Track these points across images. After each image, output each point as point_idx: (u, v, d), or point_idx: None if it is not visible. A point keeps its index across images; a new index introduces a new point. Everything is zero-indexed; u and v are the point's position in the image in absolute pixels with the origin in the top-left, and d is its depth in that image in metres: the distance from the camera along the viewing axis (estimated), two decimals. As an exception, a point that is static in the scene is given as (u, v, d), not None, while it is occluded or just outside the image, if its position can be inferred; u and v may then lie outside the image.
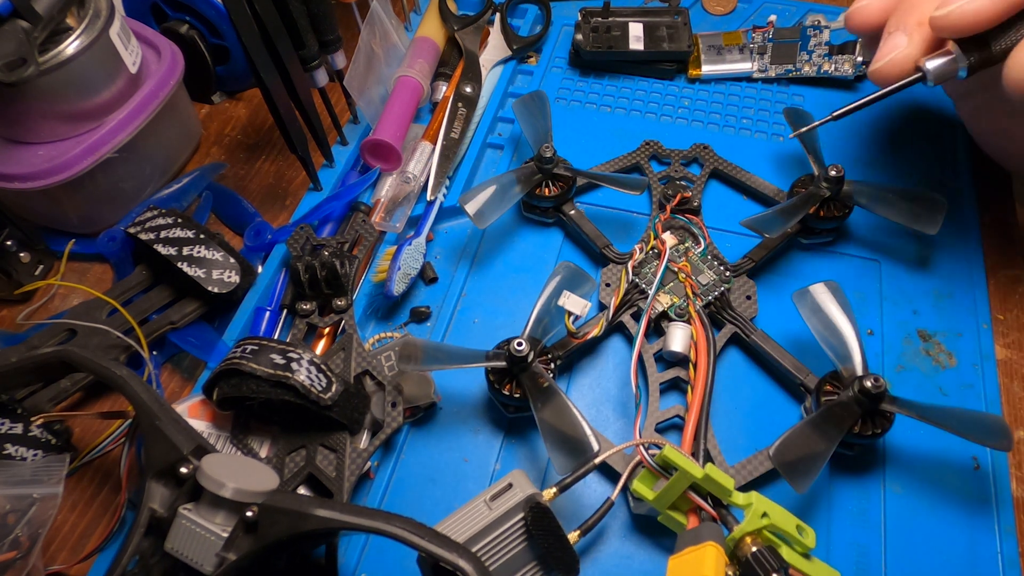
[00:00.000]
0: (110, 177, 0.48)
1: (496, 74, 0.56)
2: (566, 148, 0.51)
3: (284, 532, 0.30)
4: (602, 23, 0.57)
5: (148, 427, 0.33)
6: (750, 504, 0.33)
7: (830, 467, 0.39)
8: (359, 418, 0.39)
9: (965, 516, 0.38)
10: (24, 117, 0.45)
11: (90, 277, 0.49)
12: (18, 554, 0.34)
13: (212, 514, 0.31)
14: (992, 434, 0.35)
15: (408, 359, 0.37)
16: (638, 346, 0.40)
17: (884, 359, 0.43)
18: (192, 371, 0.45)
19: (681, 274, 0.43)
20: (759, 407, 0.42)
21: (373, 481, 0.40)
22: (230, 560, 0.29)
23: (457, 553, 0.28)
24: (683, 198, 0.47)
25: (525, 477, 0.35)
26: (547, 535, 0.33)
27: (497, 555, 0.33)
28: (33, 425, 0.39)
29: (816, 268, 0.47)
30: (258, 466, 0.34)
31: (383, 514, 0.30)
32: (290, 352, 0.38)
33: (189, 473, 0.32)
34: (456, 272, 0.47)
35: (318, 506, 0.30)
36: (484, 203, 0.44)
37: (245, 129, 0.57)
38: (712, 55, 0.57)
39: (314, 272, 0.43)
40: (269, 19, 0.42)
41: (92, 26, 0.44)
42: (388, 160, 0.49)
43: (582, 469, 0.35)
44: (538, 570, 0.33)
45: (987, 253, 0.47)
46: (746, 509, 0.33)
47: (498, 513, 0.33)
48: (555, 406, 0.37)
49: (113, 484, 0.41)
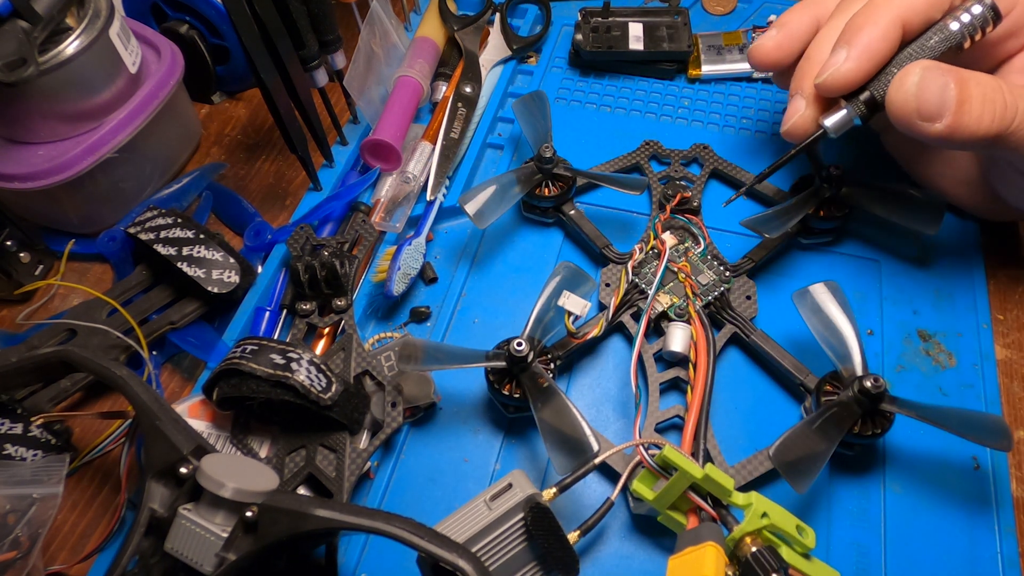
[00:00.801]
0: (110, 177, 0.48)
1: (496, 74, 0.56)
2: (566, 148, 0.51)
3: (284, 532, 0.30)
4: (602, 23, 0.57)
5: (148, 427, 0.33)
6: (750, 504, 0.33)
7: (830, 467, 0.39)
8: (359, 418, 0.39)
9: (965, 516, 0.38)
10: (24, 117, 0.45)
11: (90, 277, 0.49)
12: (18, 554, 0.34)
13: (212, 514, 0.31)
14: (992, 434, 0.35)
15: (408, 359, 0.37)
16: (638, 346, 0.40)
17: (884, 359, 0.43)
18: (192, 371, 0.45)
19: (681, 274, 0.43)
20: (759, 407, 0.42)
21: (373, 481, 0.40)
22: (230, 560, 0.29)
23: (457, 553, 0.28)
24: (683, 198, 0.47)
25: (525, 477, 0.35)
26: (547, 535, 0.33)
27: (497, 555, 0.33)
28: (33, 425, 0.39)
29: (816, 268, 0.47)
30: (258, 466, 0.34)
31: (383, 514, 0.30)
32: (290, 352, 0.38)
33: (189, 473, 0.32)
34: (456, 272, 0.47)
35: (318, 506, 0.30)
36: (484, 203, 0.44)
37: (245, 129, 0.57)
38: (712, 55, 0.57)
39: (314, 272, 0.43)
40: (269, 19, 0.42)
41: (92, 26, 0.44)
42: (388, 160, 0.49)
43: (582, 469, 0.35)
44: (538, 570, 0.33)
45: (987, 253, 0.47)
46: (746, 509, 0.33)
47: (498, 513, 0.33)
48: (555, 406, 0.37)
49: (113, 484, 0.41)
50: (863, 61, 0.38)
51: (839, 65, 0.38)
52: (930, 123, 0.36)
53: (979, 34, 0.38)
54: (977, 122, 0.36)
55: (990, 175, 0.44)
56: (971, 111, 0.36)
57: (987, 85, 0.36)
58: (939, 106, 0.36)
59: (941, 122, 0.36)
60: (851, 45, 0.38)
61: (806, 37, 0.42)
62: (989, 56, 0.41)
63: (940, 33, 0.38)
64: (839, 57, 0.38)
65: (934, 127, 0.36)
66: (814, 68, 0.40)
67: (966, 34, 0.38)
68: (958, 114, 0.36)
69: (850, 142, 0.52)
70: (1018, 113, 0.36)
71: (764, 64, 0.44)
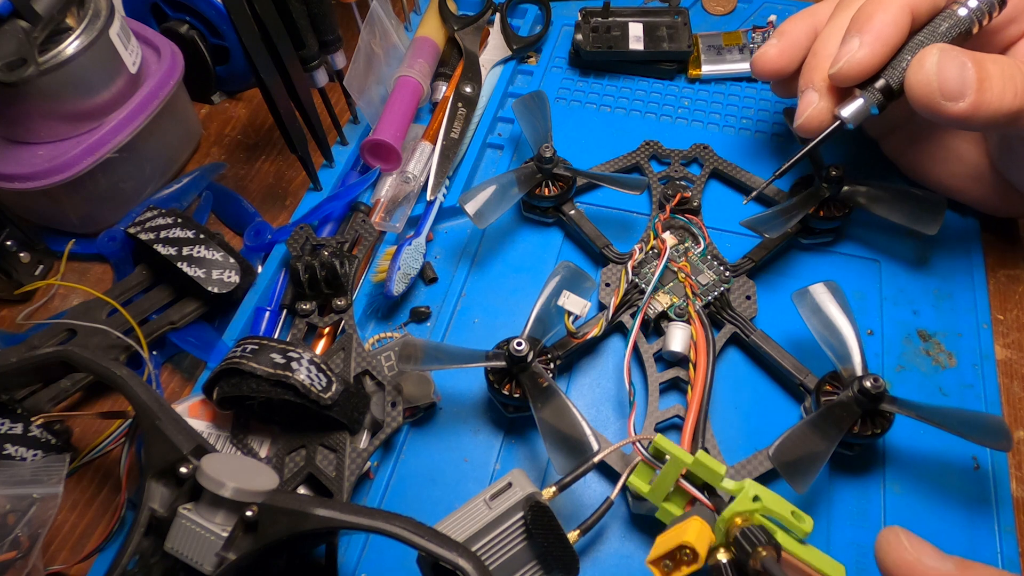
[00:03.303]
0: (110, 177, 0.48)
1: (496, 74, 0.56)
2: (566, 148, 0.51)
3: (284, 531, 0.30)
4: (602, 23, 0.57)
5: (148, 427, 0.33)
6: (741, 488, 0.32)
7: (830, 467, 0.39)
8: (359, 418, 0.39)
9: (965, 516, 0.38)
10: (24, 117, 0.45)
11: (90, 277, 0.49)
12: (18, 554, 0.34)
13: (212, 514, 0.31)
14: (992, 435, 0.35)
15: (408, 359, 0.37)
16: (632, 341, 0.40)
17: (884, 359, 0.43)
18: (192, 371, 0.45)
19: (681, 274, 0.43)
20: (759, 407, 0.42)
21: (373, 481, 0.40)
22: (230, 559, 0.29)
23: (457, 552, 0.28)
24: (683, 198, 0.47)
25: (525, 476, 0.35)
26: (547, 534, 0.33)
27: (497, 554, 0.33)
28: (33, 425, 0.39)
29: (816, 268, 0.47)
30: (258, 466, 0.34)
31: (383, 513, 0.30)
32: (290, 351, 0.38)
33: (189, 473, 0.32)
34: (456, 272, 0.47)
35: (318, 505, 0.30)
36: (484, 203, 0.44)
37: (245, 129, 0.57)
38: (712, 55, 0.57)
39: (313, 272, 0.43)
40: (269, 19, 0.42)
41: (92, 26, 0.44)
42: (388, 160, 0.49)
43: (581, 468, 0.35)
44: (538, 569, 0.33)
45: (987, 253, 0.47)
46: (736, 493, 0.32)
47: (498, 512, 0.33)
48: (555, 406, 0.37)
49: (113, 484, 0.41)
50: (877, 47, 0.38)
51: (853, 52, 0.38)
52: (953, 102, 0.36)
53: (987, 19, 0.38)
54: (1000, 98, 0.36)
55: (1002, 162, 0.44)
56: (992, 88, 0.36)
57: (1005, 63, 0.37)
58: (960, 85, 0.36)
59: (965, 100, 0.36)
60: (863, 32, 0.38)
61: (807, 44, 0.43)
62: (995, 42, 0.41)
63: (949, 19, 0.39)
64: (852, 45, 0.38)
65: (957, 106, 0.36)
66: (822, 62, 0.40)
67: (974, 19, 0.38)
68: (980, 91, 0.36)
69: (850, 142, 0.52)
70: None
71: (768, 72, 0.44)
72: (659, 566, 0.30)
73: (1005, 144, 0.43)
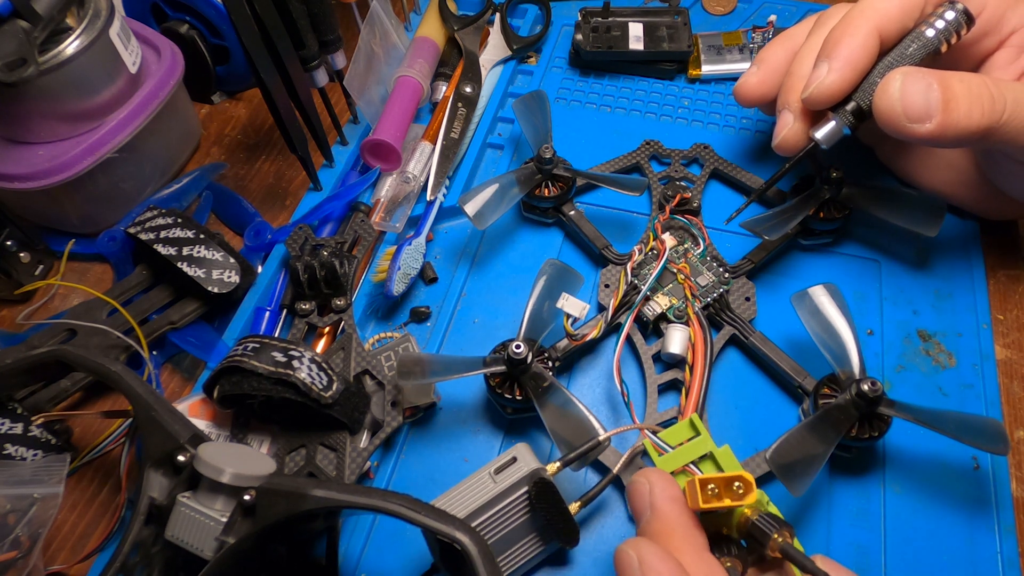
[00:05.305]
0: (110, 177, 0.48)
1: (496, 74, 0.56)
2: (566, 148, 0.51)
3: (282, 513, 0.30)
4: (602, 23, 0.57)
5: (144, 418, 0.33)
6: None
7: (830, 467, 0.39)
8: (359, 417, 0.39)
9: (965, 516, 0.38)
10: (24, 117, 0.45)
11: (90, 277, 0.49)
12: (18, 554, 0.34)
13: (211, 500, 0.31)
14: (989, 438, 0.35)
15: (408, 375, 0.37)
16: (622, 338, 0.40)
17: (884, 359, 0.43)
18: (192, 371, 0.45)
19: (680, 275, 0.43)
20: (757, 408, 0.42)
21: (373, 481, 0.40)
22: (229, 543, 0.29)
23: (454, 526, 0.28)
24: (683, 198, 0.47)
25: (529, 450, 0.35)
26: (549, 508, 0.33)
27: (498, 527, 0.34)
28: (33, 425, 0.39)
29: (816, 268, 0.47)
30: (255, 453, 0.34)
31: (380, 492, 0.30)
32: (292, 350, 0.38)
33: (187, 461, 0.32)
34: (456, 272, 0.47)
35: (315, 486, 0.30)
36: (484, 203, 0.44)
37: (245, 129, 0.57)
38: (712, 55, 0.57)
39: (313, 272, 0.43)
40: (269, 19, 0.42)
41: (92, 26, 0.44)
42: (388, 160, 0.49)
43: (586, 445, 0.35)
44: (537, 540, 0.34)
45: (987, 253, 0.47)
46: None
47: (503, 487, 0.34)
48: (559, 401, 0.37)
49: (113, 484, 0.41)
50: (845, 72, 0.39)
51: (823, 78, 0.39)
52: (919, 124, 0.37)
53: (955, 38, 0.39)
54: (967, 118, 0.36)
55: (989, 171, 0.44)
56: (959, 108, 0.36)
57: (971, 82, 0.37)
58: (925, 107, 0.37)
59: (931, 122, 0.37)
60: (832, 58, 0.39)
61: (786, 69, 0.43)
62: (968, 57, 0.41)
63: (918, 40, 0.39)
64: (822, 71, 0.39)
65: (924, 128, 0.37)
66: (798, 83, 0.41)
67: (942, 39, 0.39)
68: (946, 112, 0.36)
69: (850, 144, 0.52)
70: (1007, 104, 0.37)
71: (749, 100, 0.45)
72: (704, 488, 0.31)
73: (988, 155, 0.43)
